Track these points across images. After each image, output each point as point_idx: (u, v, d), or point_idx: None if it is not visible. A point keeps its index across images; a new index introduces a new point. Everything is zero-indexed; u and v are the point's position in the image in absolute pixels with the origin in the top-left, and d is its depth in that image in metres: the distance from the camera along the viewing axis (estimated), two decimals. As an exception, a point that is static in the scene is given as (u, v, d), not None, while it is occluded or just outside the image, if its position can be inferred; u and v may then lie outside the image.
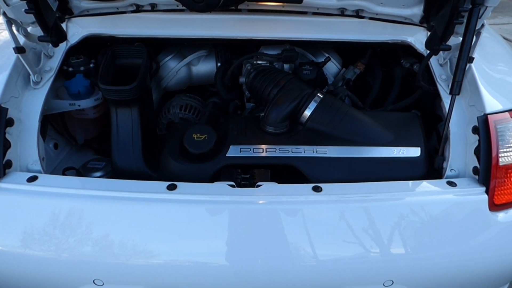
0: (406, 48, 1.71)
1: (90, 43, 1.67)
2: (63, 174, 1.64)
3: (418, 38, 1.64)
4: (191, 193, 1.18)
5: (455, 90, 1.32)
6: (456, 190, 1.25)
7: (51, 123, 1.78)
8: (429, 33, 1.39)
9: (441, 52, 1.47)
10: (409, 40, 1.64)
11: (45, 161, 1.38)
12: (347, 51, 1.95)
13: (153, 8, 1.51)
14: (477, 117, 1.30)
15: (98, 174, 1.70)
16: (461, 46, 1.28)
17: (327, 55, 1.81)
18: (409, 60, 1.79)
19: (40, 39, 1.27)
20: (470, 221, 1.22)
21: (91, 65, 1.66)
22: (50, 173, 1.72)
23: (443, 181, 1.28)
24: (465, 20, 1.25)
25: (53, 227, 1.15)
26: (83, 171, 1.70)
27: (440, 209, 1.21)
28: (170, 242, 1.15)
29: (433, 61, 1.55)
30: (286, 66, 1.72)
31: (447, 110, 1.43)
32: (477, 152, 1.29)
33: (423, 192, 1.23)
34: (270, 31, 1.62)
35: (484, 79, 1.40)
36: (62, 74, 1.64)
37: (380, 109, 1.74)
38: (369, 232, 1.17)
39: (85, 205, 1.16)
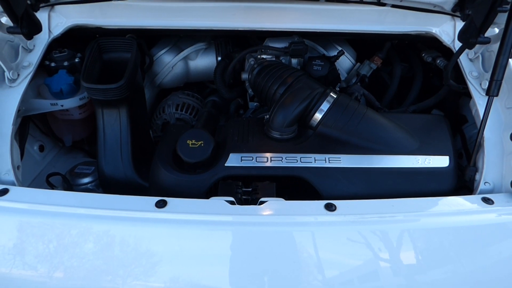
0: (427, 40, 1.52)
1: (77, 35, 1.50)
2: (47, 180, 1.49)
3: (444, 29, 1.46)
4: (183, 211, 1.01)
5: (493, 90, 1.13)
6: (493, 209, 1.07)
7: (35, 123, 1.63)
8: (463, 23, 1.19)
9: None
10: (434, 31, 1.46)
11: (20, 170, 1.23)
12: (361, 44, 1.75)
13: (142, -7, 1.33)
14: None
15: (87, 180, 1.57)
16: (502, 39, 1.09)
17: (340, 49, 1.63)
18: (431, 54, 1.61)
19: (9, 30, 1.11)
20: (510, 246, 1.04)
21: (76, 60, 1.50)
22: (34, 179, 1.60)
23: (477, 197, 1.10)
24: (508, 7, 1.05)
25: (23, 250, 0.99)
26: (70, 177, 1.57)
27: (476, 232, 1.03)
28: (158, 270, 0.98)
29: (462, 56, 1.37)
30: (294, 61, 1.55)
31: (480, 112, 1.25)
32: (517, 163, 1.11)
33: (456, 212, 1.05)
34: (276, 21, 1.45)
35: (523, 77, 1.22)
36: (45, 70, 1.48)
37: (400, 110, 1.55)
38: (392, 260, 0.99)
39: (61, 225, 1.00)
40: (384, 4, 1.35)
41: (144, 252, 0.98)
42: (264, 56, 1.55)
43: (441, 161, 1.21)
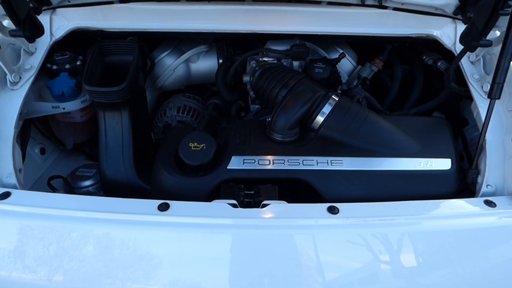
0: (428, 43, 1.52)
1: (79, 38, 1.51)
2: (48, 183, 1.48)
3: (445, 32, 1.47)
4: (185, 214, 1.01)
5: (495, 93, 1.13)
6: (495, 212, 1.07)
7: (36, 126, 1.63)
8: (465, 26, 1.19)
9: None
10: (435, 34, 1.47)
11: (22, 173, 1.23)
12: (362, 46, 1.76)
13: (143, -3, 1.33)
14: None
15: (88, 182, 1.56)
16: (503, 42, 1.09)
17: (341, 51, 1.63)
18: (432, 57, 1.61)
19: (11, 33, 1.11)
20: (513, 249, 1.04)
21: (78, 63, 1.50)
22: (35, 182, 1.59)
23: (480, 200, 1.10)
24: (510, 10, 1.05)
25: (23, 253, 0.98)
26: (71, 180, 1.56)
27: (479, 235, 1.03)
28: (160, 273, 0.98)
29: (463, 58, 1.37)
30: (295, 63, 1.55)
31: (481, 115, 1.25)
32: (519, 166, 1.11)
33: (458, 215, 1.05)
34: (278, 23, 1.46)
35: (525, 79, 1.22)
36: (47, 73, 1.48)
37: (401, 112, 1.55)
38: (395, 262, 0.99)
39: (62, 228, 1.00)
40: (385, 7, 1.35)
41: (146, 255, 0.97)
42: (265, 59, 1.54)
43: (443, 164, 1.21)
